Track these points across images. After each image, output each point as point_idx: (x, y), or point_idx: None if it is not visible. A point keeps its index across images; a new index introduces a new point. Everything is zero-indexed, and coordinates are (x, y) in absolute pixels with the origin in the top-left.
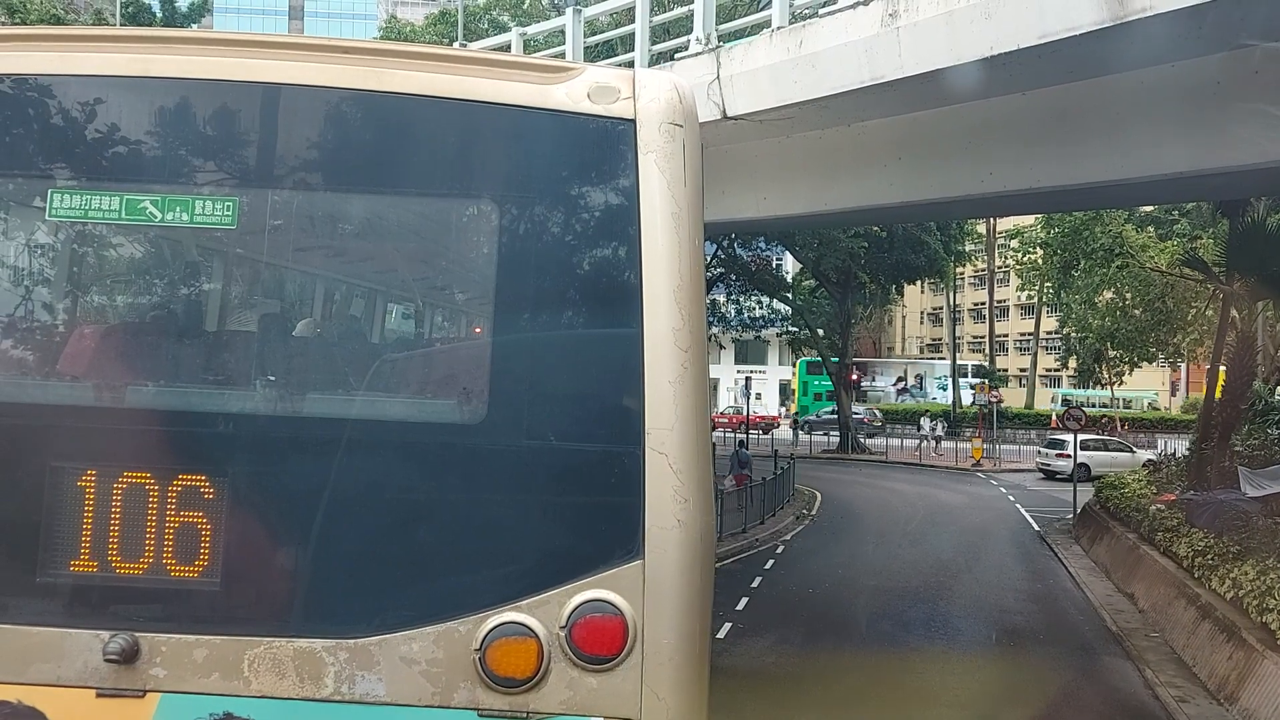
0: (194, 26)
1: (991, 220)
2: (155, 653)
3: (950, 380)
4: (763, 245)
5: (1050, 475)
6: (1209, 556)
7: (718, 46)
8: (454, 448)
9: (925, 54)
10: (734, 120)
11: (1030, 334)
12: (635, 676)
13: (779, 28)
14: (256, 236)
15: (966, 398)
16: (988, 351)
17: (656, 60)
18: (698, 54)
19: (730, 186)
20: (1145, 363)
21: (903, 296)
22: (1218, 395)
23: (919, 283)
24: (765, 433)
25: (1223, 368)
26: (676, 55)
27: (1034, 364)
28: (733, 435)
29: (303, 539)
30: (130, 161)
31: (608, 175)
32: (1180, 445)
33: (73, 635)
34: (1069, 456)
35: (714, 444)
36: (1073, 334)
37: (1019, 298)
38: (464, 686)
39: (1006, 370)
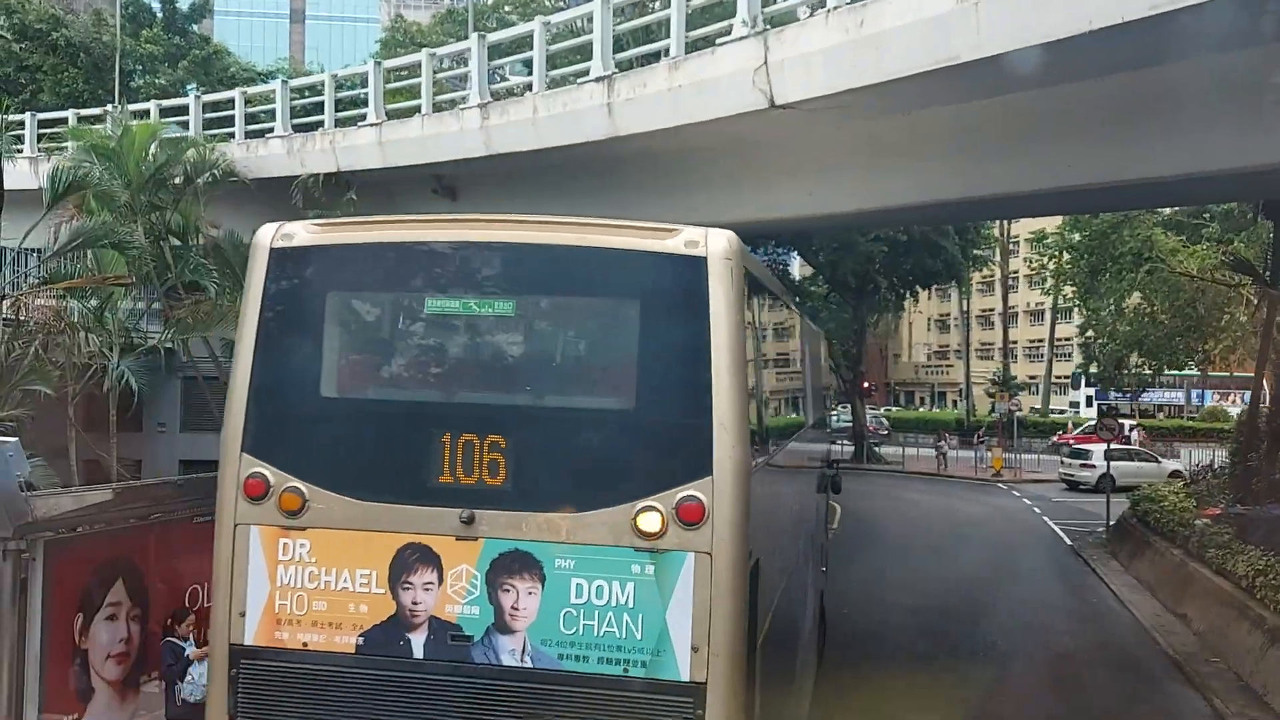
0: (194, 27)
1: (1005, 224)
2: (482, 520)
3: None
4: (780, 250)
5: (1073, 486)
6: (1272, 576)
7: (765, 30)
8: (622, 417)
9: (1009, 31)
10: (782, 109)
11: (1040, 340)
12: (709, 531)
13: (836, 7)
14: (520, 318)
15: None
16: (1001, 358)
17: (693, 47)
18: (742, 38)
19: (772, 181)
20: (1174, 371)
21: (917, 302)
22: (1265, 404)
23: (926, 289)
24: None
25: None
26: (718, 40)
27: (1049, 371)
28: None
29: (550, 465)
30: (456, 285)
31: (694, 287)
32: (1203, 455)
33: (446, 511)
34: (1094, 467)
35: None
36: (1098, 340)
37: (1028, 303)
38: (626, 536)
39: (1016, 377)
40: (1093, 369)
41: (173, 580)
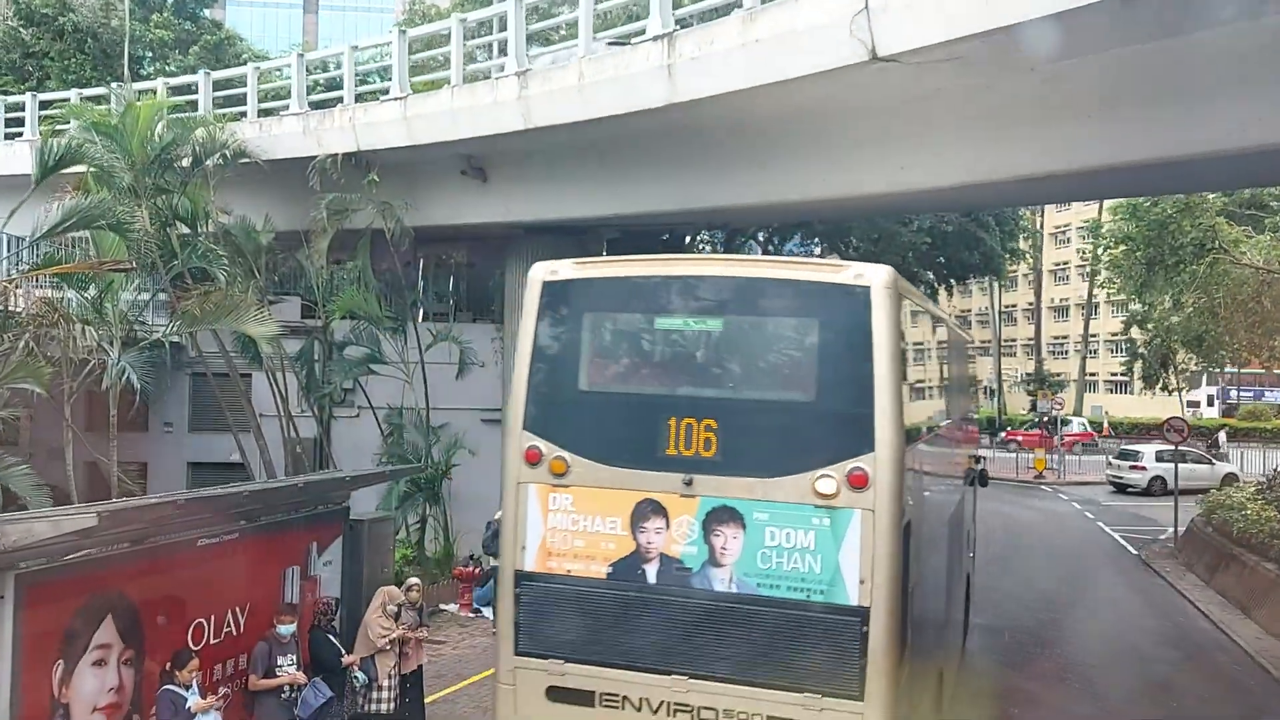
0: (205, 12)
1: (1041, 216)
2: (699, 482)
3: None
4: (808, 244)
5: (1122, 489)
6: None
7: None
8: (805, 407)
9: None
10: (883, 63)
11: (1063, 337)
12: (872, 494)
13: None
14: (726, 332)
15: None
16: (1036, 355)
17: None
18: None
19: (855, 155)
20: (1237, 368)
21: (951, 296)
22: None
23: (962, 283)
24: None
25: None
26: None
27: (1083, 369)
28: None
29: (750, 442)
30: (678, 308)
31: (861, 309)
32: (1253, 455)
33: (672, 475)
34: (1144, 469)
35: None
36: (1153, 336)
37: (1052, 299)
38: (808, 496)
39: (1057, 374)
40: (1136, 366)
41: (174, 615)
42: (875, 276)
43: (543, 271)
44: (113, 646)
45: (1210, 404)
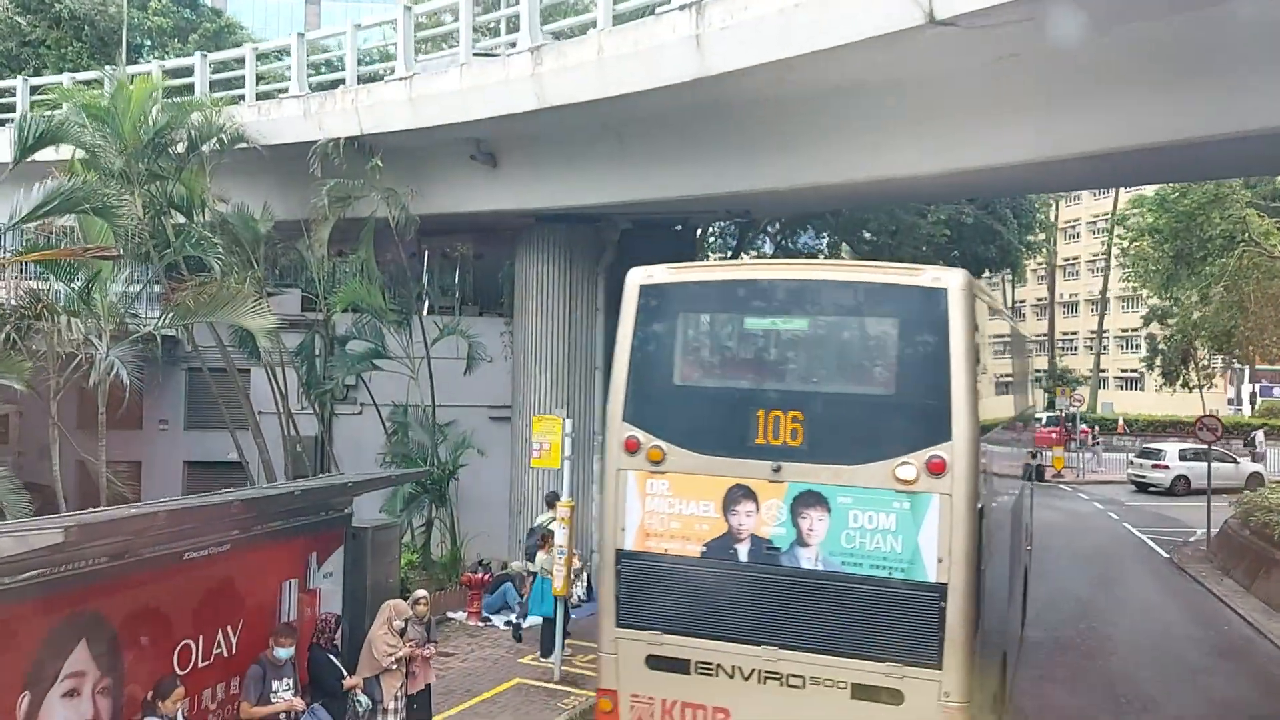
0: (205, 0)
1: (1056, 210)
2: (786, 469)
3: None
4: (822, 236)
5: (1144, 488)
6: None
7: None
8: (886, 400)
9: None
10: (941, 26)
11: (1072, 333)
12: (950, 479)
13: None
14: (811, 331)
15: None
16: (1049, 351)
17: None
18: None
19: (893, 134)
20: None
21: None
22: None
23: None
24: None
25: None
26: None
27: (1097, 365)
28: None
29: (834, 432)
30: (766, 309)
31: (938, 310)
32: (1276, 455)
33: (762, 463)
34: (1166, 468)
35: None
36: (1177, 331)
37: (1060, 295)
38: (889, 481)
39: (1073, 370)
40: (1157, 362)
41: (158, 636)
42: (952, 279)
43: (640, 275)
44: (87, 675)
45: (1253, 401)
